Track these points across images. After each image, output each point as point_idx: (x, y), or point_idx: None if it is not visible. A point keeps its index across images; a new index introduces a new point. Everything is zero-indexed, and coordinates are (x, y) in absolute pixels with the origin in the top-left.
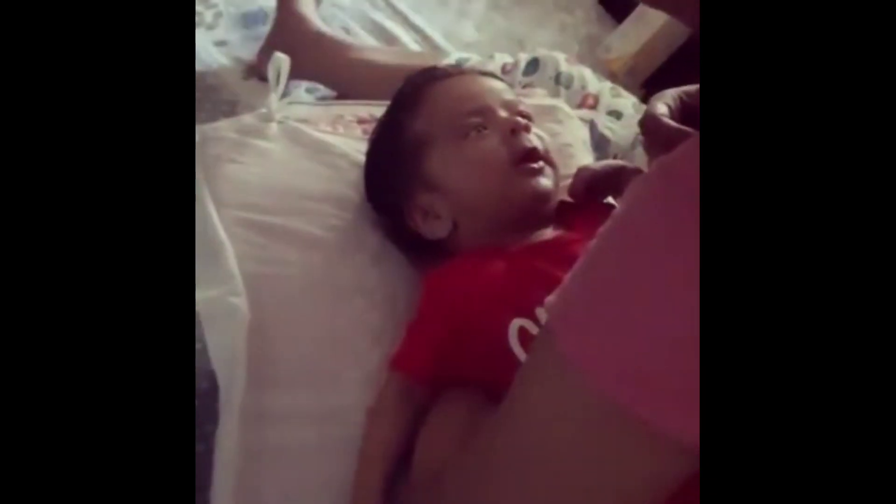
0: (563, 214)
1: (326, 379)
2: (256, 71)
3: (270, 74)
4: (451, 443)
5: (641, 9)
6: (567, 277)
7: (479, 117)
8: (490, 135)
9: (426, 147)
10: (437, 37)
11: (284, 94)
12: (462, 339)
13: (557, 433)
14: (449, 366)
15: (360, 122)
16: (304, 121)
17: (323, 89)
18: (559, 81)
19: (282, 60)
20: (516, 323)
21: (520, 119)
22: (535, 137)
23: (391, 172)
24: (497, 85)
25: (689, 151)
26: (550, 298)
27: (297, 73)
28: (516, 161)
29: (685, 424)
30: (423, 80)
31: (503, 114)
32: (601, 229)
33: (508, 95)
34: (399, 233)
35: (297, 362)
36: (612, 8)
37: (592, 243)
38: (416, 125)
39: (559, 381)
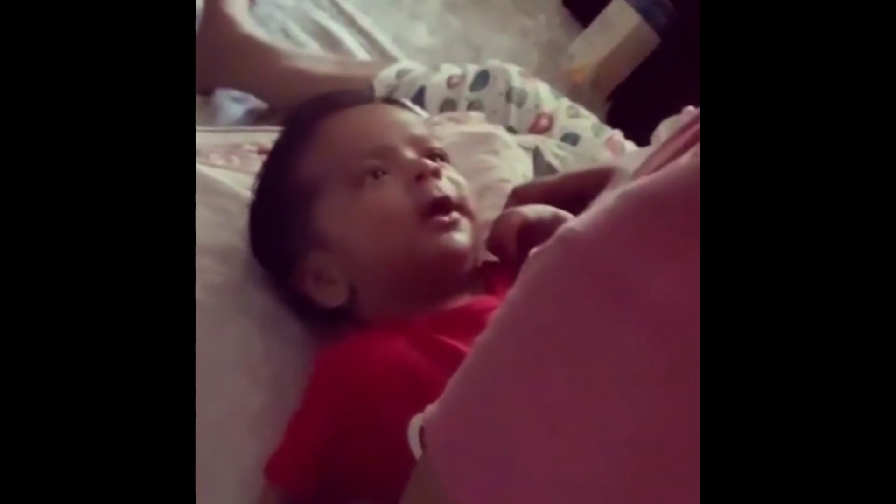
0: (484, 274)
1: (197, 479)
2: None
3: None
4: None
5: (606, 13)
6: (450, 383)
7: (377, 159)
8: (391, 181)
9: (315, 196)
10: (386, 41)
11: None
12: (353, 439)
13: None
14: (337, 472)
15: (261, 152)
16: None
17: (253, 100)
18: (510, 98)
19: None
20: (418, 420)
21: (428, 162)
22: (447, 183)
23: (277, 227)
24: (403, 117)
25: (598, 220)
26: (430, 411)
27: (223, 81)
28: (423, 213)
29: None
30: (314, 110)
31: (409, 154)
32: (493, 316)
33: (418, 130)
34: (290, 297)
35: None
36: (578, 12)
37: (481, 337)
38: (303, 169)
39: None
